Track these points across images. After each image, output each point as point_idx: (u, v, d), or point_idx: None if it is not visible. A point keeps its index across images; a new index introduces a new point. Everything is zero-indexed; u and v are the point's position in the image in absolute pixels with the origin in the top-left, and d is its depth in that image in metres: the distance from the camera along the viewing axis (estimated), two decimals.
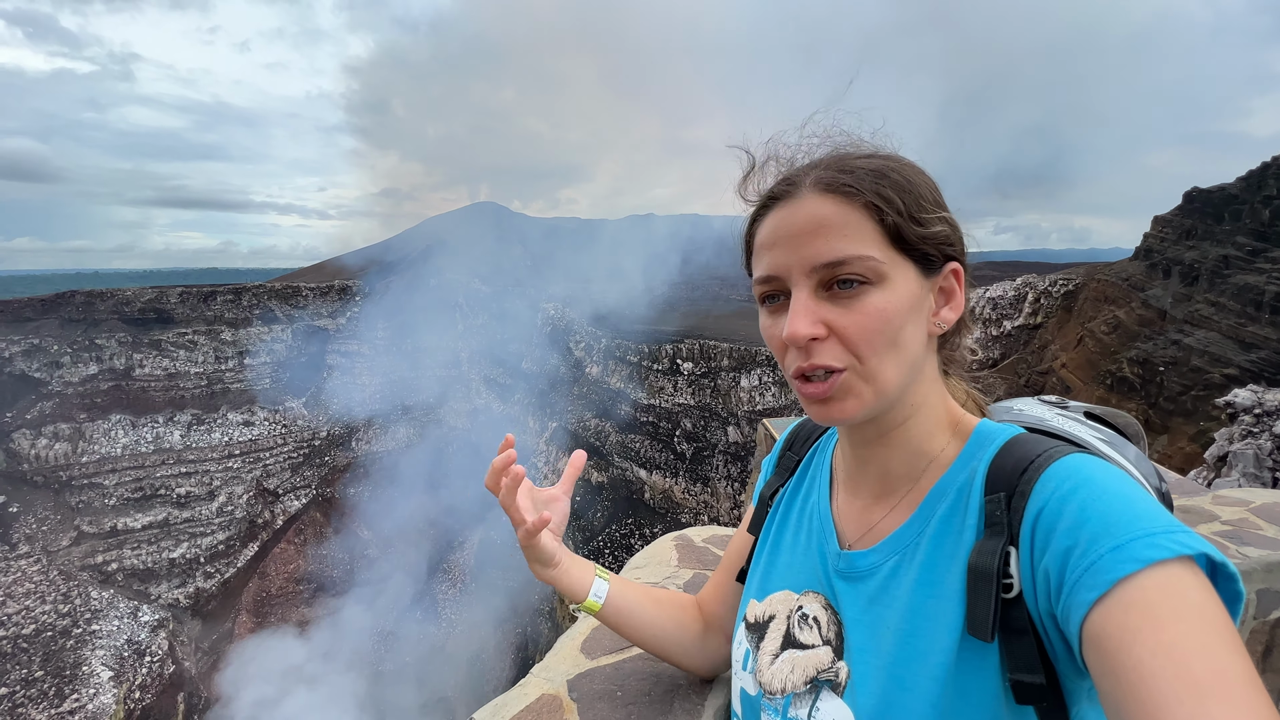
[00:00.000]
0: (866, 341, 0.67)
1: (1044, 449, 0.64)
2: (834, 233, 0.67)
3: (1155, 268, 30.08)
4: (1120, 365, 27.41)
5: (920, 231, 0.68)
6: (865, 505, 0.79)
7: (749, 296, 0.78)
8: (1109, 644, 0.49)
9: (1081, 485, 0.58)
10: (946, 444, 0.73)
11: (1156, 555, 0.50)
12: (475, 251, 66.71)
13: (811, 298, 0.68)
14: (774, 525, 0.92)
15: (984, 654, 0.61)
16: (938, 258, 0.70)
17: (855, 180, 0.68)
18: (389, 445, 53.84)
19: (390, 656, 44.59)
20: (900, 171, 0.70)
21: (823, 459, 0.90)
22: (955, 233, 0.72)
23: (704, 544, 1.88)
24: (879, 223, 0.67)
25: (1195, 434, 22.23)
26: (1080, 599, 0.52)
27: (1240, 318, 25.04)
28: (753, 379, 41.79)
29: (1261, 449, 6.51)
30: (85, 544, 41.05)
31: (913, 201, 0.68)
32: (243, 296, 52.86)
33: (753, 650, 0.83)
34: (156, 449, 44.91)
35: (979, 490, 0.66)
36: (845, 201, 0.68)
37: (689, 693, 1.22)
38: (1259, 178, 27.40)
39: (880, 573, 0.72)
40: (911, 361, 0.70)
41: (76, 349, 45.20)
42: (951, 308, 0.72)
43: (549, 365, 52.92)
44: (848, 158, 0.72)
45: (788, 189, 0.72)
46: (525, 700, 1.21)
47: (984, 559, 0.61)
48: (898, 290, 0.67)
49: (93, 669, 34.09)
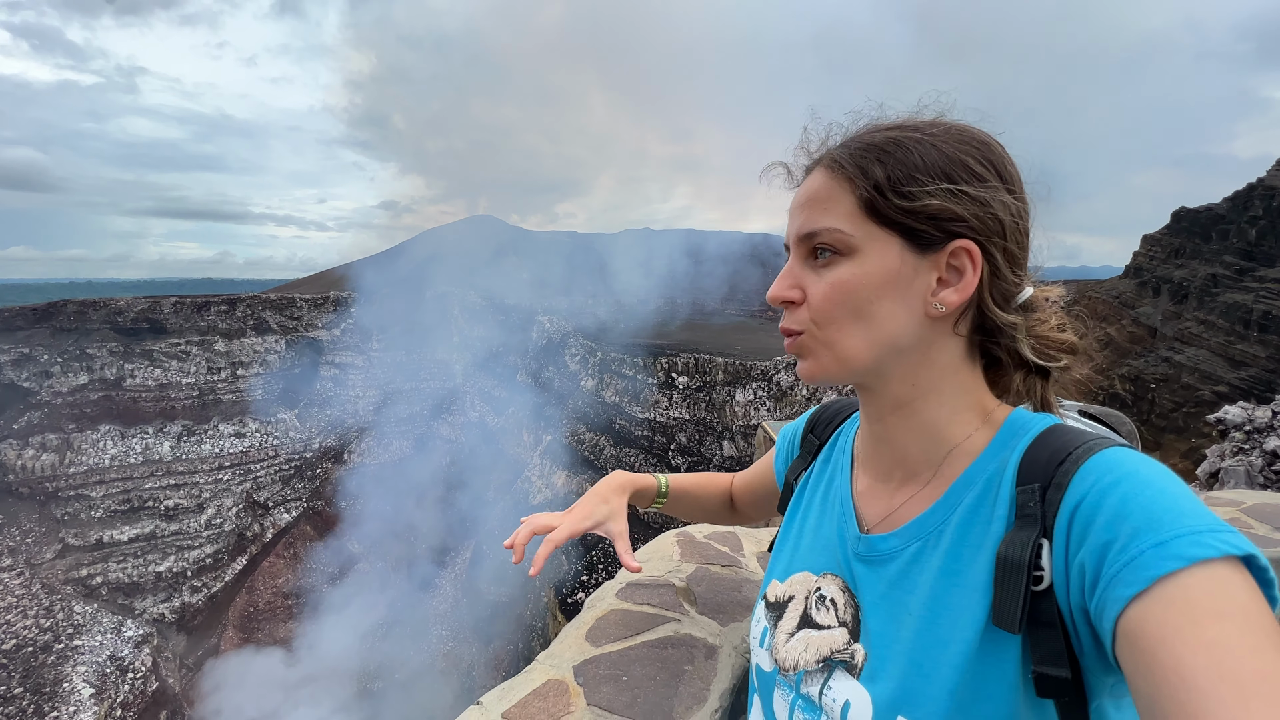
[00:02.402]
0: (823, 310, 0.70)
1: (1082, 441, 0.62)
2: (818, 206, 0.70)
3: (1145, 285, 30.49)
4: (1112, 382, 27.65)
5: (901, 204, 0.67)
6: (887, 490, 0.78)
7: (743, 311, 0.79)
8: (1147, 641, 0.48)
9: (1123, 479, 0.56)
10: (974, 432, 0.71)
11: (1202, 554, 0.48)
12: (472, 264, 66.94)
13: (798, 264, 0.73)
14: (799, 508, 0.94)
15: (1006, 645, 0.60)
16: (932, 233, 0.67)
17: (843, 155, 0.70)
18: (382, 458, 53.43)
19: (380, 671, 43.82)
20: (904, 142, 0.68)
21: (845, 443, 0.92)
22: (972, 208, 0.67)
23: (705, 539, 1.90)
24: (855, 195, 0.68)
25: (1187, 450, 22.38)
26: (1118, 594, 0.51)
27: (1229, 335, 25.37)
28: (747, 393, 41.84)
29: (1253, 465, 6.57)
30: (70, 557, 40.36)
31: (901, 174, 0.67)
32: (237, 307, 52.68)
33: (770, 628, 0.85)
34: (145, 460, 44.38)
35: (1010, 481, 0.65)
36: (833, 176, 0.70)
37: (694, 678, 1.23)
38: (1245, 198, 27.93)
39: (901, 558, 0.71)
40: (890, 337, 0.69)
41: (67, 358, 44.84)
42: (957, 290, 0.68)
43: (544, 378, 52.84)
44: (862, 134, 0.72)
45: (812, 166, 0.76)
46: (532, 684, 1.22)
47: (1014, 550, 0.60)
48: (868, 264, 0.68)
49: (74, 685, 33.33)
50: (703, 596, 1.55)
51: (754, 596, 1.58)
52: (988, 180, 0.68)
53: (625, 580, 1.64)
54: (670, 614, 1.46)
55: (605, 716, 1.12)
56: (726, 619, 1.46)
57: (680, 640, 1.35)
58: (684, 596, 1.55)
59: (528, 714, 1.13)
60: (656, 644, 1.34)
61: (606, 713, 1.13)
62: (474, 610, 45.24)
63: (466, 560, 49.26)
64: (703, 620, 1.45)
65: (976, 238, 0.67)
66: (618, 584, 1.63)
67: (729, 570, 1.70)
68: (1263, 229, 27.18)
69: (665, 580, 1.62)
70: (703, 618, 1.46)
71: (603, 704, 1.15)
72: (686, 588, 1.59)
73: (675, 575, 1.66)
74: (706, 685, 1.20)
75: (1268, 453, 6.49)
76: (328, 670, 42.17)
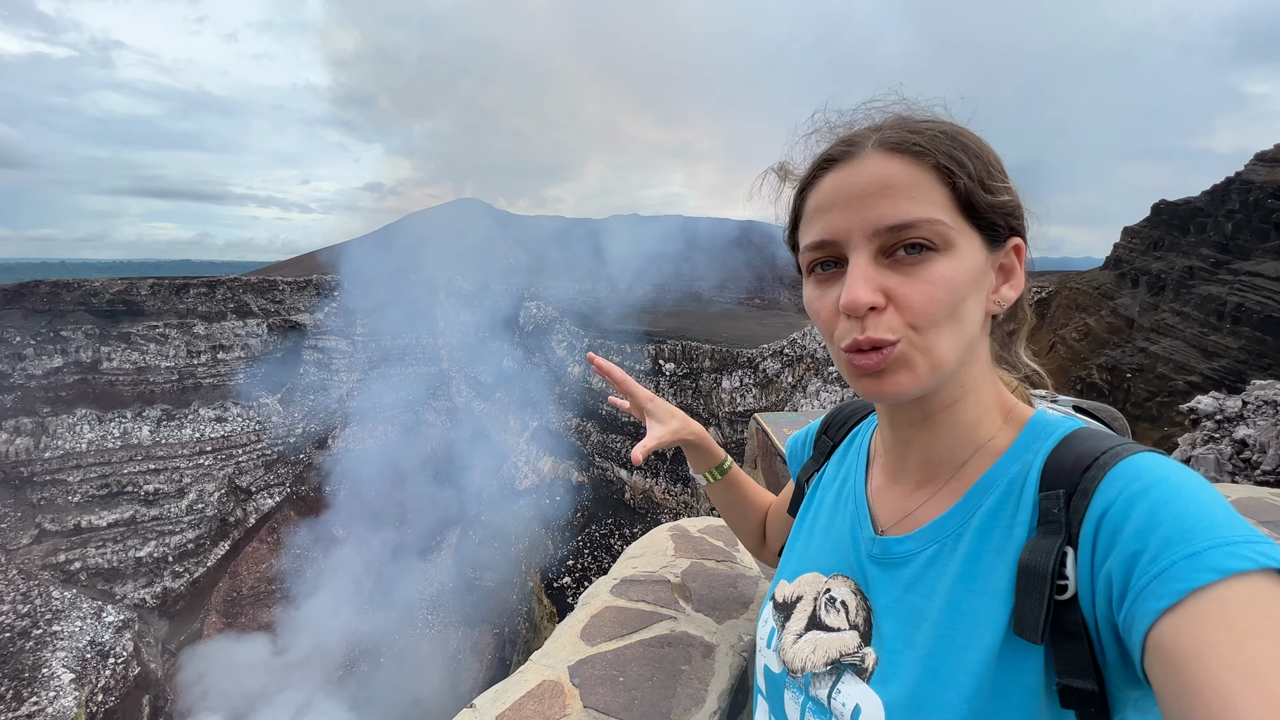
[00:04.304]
0: (928, 312, 0.62)
1: (1109, 445, 0.60)
2: (901, 194, 0.63)
3: (1124, 277, 30.95)
4: (1090, 371, 28.14)
5: (990, 200, 0.65)
6: (904, 491, 0.76)
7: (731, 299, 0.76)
8: (1179, 657, 0.45)
9: (1153, 486, 0.54)
10: (997, 432, 0.69)
11: (1237, 566, 0.46)
12: (458, 248, 65.97)
13: (871, 264, 0.64)
14: (810, 508, 0.92)
15: (1027, 655, 0.58)
16: (1004, 230, 0.67)
17: (927, 140, 0.64)
18: (366, 443, 52.98)
19: (364, 657, 43.85)
20: (969, 136, 0.67)
21: (860, 443, 0.90)
22: (1020, 207, 0.68)
23: (699, 534, 1.89)
24: (949, 186, 0.63)
25: (1160, 439, 22.92)
26: (1147, 607, 0.48)
27: (1203, 327, 25.90)
28: (734, 380, 42.02)
29: (1222, 454, 6.73)
30: (47, 542, 39.66)
31: (983, 168, 0.65)
32: (217, 289, 51.56)
33: (778, 629, 0.83)
34: (124, 445, 43.57)
35: (1033, 485, 0.63)
36: (914, 162, 0.64)
37: (691, 678, 1.22)
38: (1223, 192, 28.35)
39: (917, 561, 0.69)
40: (969, 339, 0.66)
41: (40, 341, 43.66)
42: (1011, 285, 0.69)
43: (531, 364, 52.58)
44: (912, 119, 0.69)
45: (848, 149, 0.68)
46: (526, 686, 1.20)
47: (1038, 558, 0.58)
48: (964, 260, 0.63)
49: (53, 671, 32.95)
50: (698, 593, 1.54)
51: (750, 593, 1.57)
52: (1009, 179, 0.69)
53: (619, 576, 1.62)
54: (666, 611, 1.45)
55: (602, 719, 1.11)
56: (723, 616, 1.45)
57: (677, 639, 1.34)
58: (679, 593, 1.54)
59: (522, 717, 1.11)
60: (653, 643, 1.32)
61: (603, 715, 1.12)
62: (459, 594, 45.33)
63: (452, 545, 49.24)
64: (698, 617, 1.44)
65: (1023, 236, 0.69)
66: (611, 580, 1.61)
67: (724, 565, 1.69)
68: (1239, 223, 27.66)
69: (660, 576, 1.61)
70: (698, 615, 1.45)
71: (599, 706, 1.14)
72: (681, 584, 1.58)
73: (670, 571, 1.64)
74: (704, 686, 1.19)
75: (1236, 441, 6.66)
76: (312, 654, 42.12)
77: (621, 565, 1.70)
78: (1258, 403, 6.16)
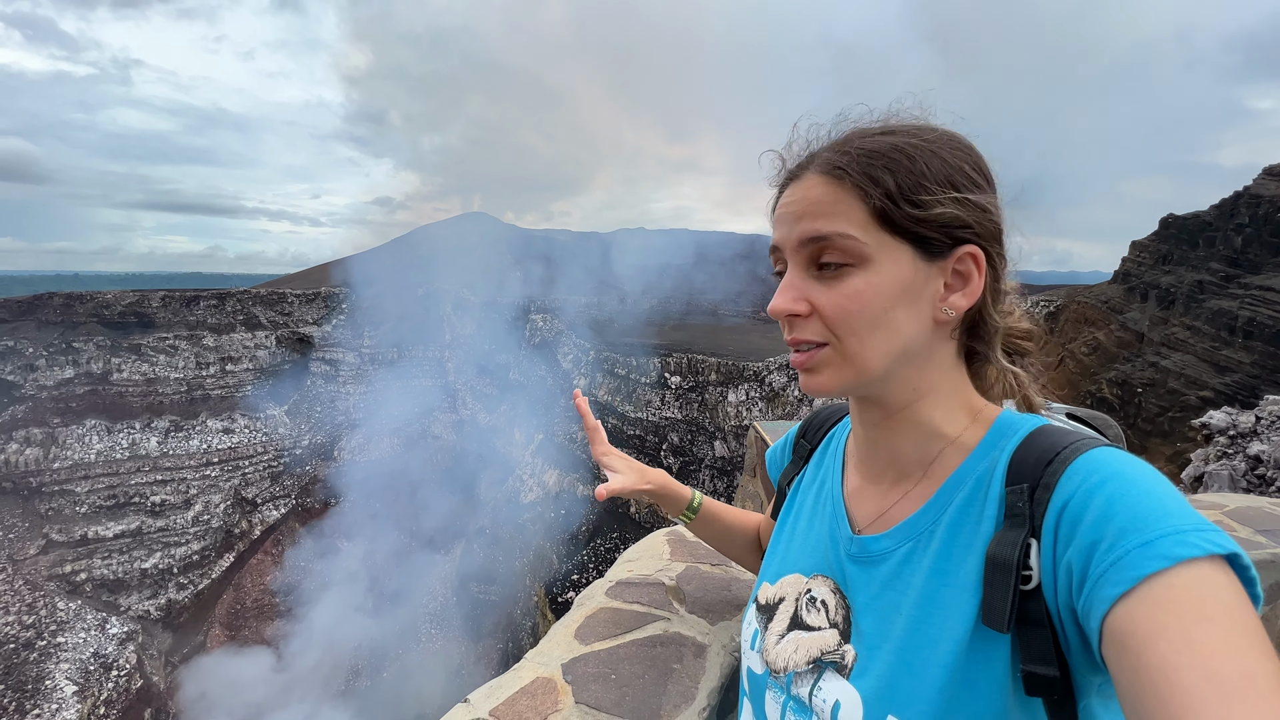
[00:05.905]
0: (844, 322, 0.68)
1: (1070, 441, 0.63)
2: (820, 213, 0.68)
3: (1133, 291, 30.80)
4: (1100, 386, 27.92)
5: (915, 213, 0.67)
6: (879, 490, 0.78)
7: (736, 312, 0.78)
8: (1132, 641, 0.48)
9: (1109, 479, 0.56)
10: (964, 431, 0.72)
11: (1186, 553, 0.49)
12: (465, 262, 66.56)
13: (800, 274, 0.71)
14: (790, 511, 0.94)
15: (996, 644, 0.60)
16: (941, 240, 0.68)
17: (846, 162, 0.68)
18: (372, 455, 53.10)
19: (367, 670, 43.56)
20: (908, 150, 0.68)
21: (836, 446, 0.92)
22: (976, 214, 0.68)
23: (695, 539, 1.90)
24: (866, 204, 0.67)
25: (1172, 455, 22.64)
26: (1103, 594, 0.51)
27: (1215, 341, 25.69)
28: (740, 394, 41.91)
29: (1236, 470, 6.64)
30: (53, 553, 39.84)
31: (910, 183, 0.67)
32: (227, 301, 52.21)
33: (761, 631, 0.85)
34: (132, 455, 43.87)
35: (1000, 481, 0.65)
36: (836, 183, 0.68)
37: (682, 676, 1.23)
38: (1231, 206, 28.27)
39: (893, 558, 0.71)
40: (903, 345, 0.69)
41: (53, 352, 44.25)
42: (964, 294, 0.70)
43: (536, 376, 52.70)
44: (854, 138, 0.71)
45: (798, 170, 0.74)
46: (520, 682, 1.21)
47: (1003, 550, 0.60)
48: (883, 273, 0.67)
49: (56, 683, 32.94)
50: (692, 595, 1.55)
51: (744, 595, 1.58)
52: (982, 186, 0.70)
53: (615, 579, 1.64)
54: (660, 612, 1.46)
55: (593, 714, 1.12)
56: (716, 618, 1.46)
57: (669, 639, 1.35)
58: (674, 595, 1.55)
59: (515, 712, 1.12)
60: (645, 642, 1.34)
61: (595, 710, 1.13)
62: (464, 608, 45.07)
63: (457, 558, 49.06)
64: (692, 619, 1.45)
65: (980, 243, 0.69)
66: (607, 582, 1.63)
67: (719, 569, 1.70)
68: (1248, 237, 27.53)
69: (655, 579, 1.62)
70: (692, 616, 1.46)
71: (591, 702, 1.15)
72: (676, 586, 1.59)
73: (665, 574, 1.66)
74: (695, 683, 1.20)
75: (1251, 457, 6.57)
76: (315, 667, 41.89)
77: (618, 568, 1.72)
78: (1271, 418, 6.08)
